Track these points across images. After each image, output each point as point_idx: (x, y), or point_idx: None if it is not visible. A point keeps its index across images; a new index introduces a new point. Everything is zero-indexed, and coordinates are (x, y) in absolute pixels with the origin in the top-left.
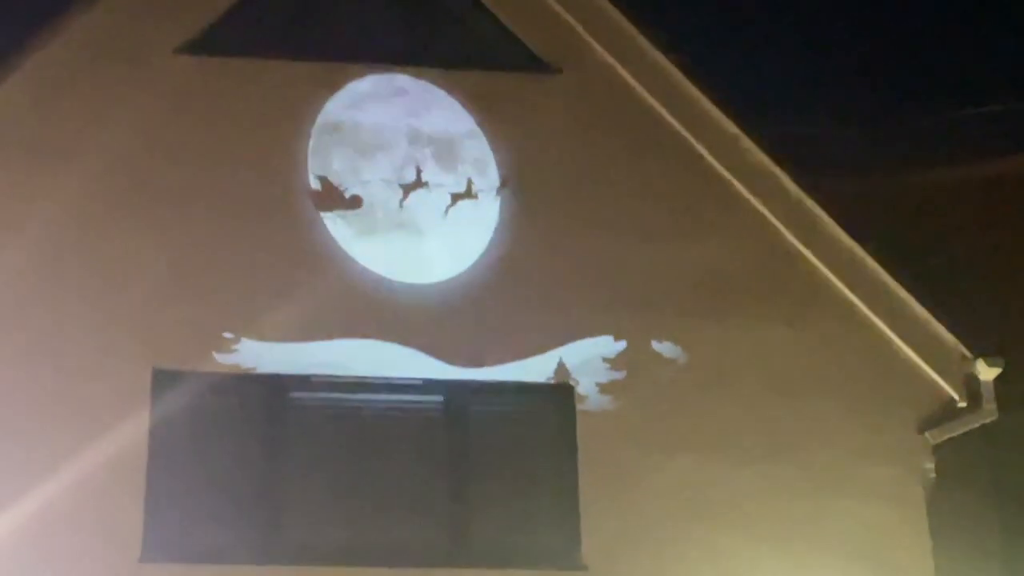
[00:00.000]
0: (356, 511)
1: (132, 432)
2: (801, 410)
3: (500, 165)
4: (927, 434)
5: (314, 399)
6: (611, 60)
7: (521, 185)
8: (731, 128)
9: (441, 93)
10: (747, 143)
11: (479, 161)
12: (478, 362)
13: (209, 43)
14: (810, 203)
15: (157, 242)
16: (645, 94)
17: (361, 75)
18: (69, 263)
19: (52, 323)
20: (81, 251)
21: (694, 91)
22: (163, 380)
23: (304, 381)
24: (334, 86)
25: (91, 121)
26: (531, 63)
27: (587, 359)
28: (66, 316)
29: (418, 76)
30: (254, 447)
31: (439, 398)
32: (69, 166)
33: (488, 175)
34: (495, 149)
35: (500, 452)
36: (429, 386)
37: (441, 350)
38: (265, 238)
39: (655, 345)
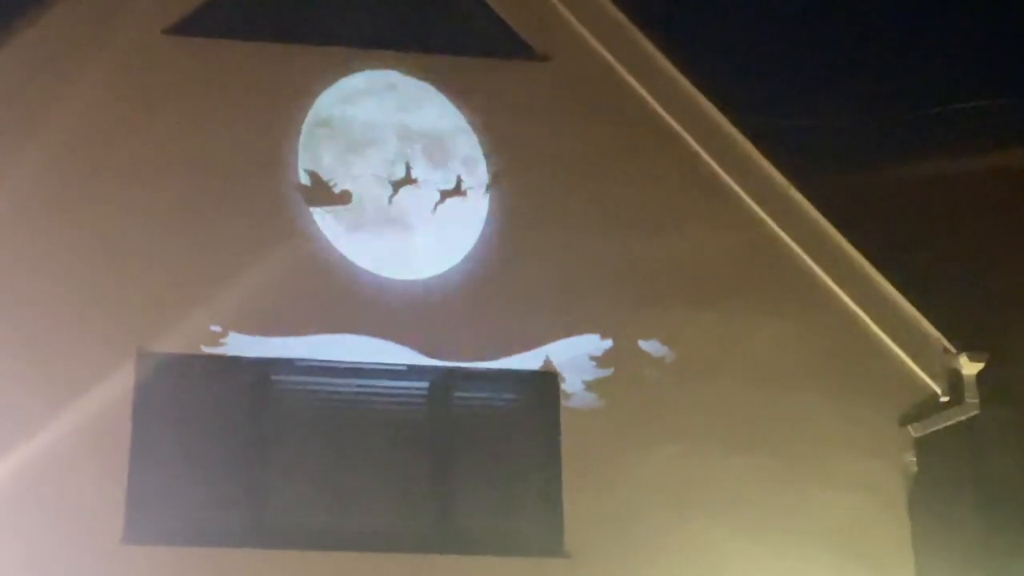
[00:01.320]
0: (339, 496)
1: (115, 414)
2: (784, 403)
3: (488, 156)
4: (909, 427)
5: (298, 383)
6: (600, 48)
7: (510, 179)
8: (720, 120)
9: (432, 90)
10: (736, 135)
11: (469, 158)
12: (465, 359)
13: (199, 23)
14: (798, 196)
15: (143, 230)
16: (633, 83)
17: (352, 62)
18: (54, 245)
19: (34, 303)
20: (65, 234)
21: (683, 82)
22: (147, 362)
23: (288, 365)
24: (324, 77)
25: (77, 101)
26: (519, 50)
27: (574, 356)
28: (49, 297)
29: (407, 62)
30: (238, 430)
31: (423, 384)
32: (54, 147)
33: (477, 173)
34: (484, 139)
35: (484, 439)
36: (413, 372)
37: (428, 346)
38: (254, 232)
39: (642, 344)
